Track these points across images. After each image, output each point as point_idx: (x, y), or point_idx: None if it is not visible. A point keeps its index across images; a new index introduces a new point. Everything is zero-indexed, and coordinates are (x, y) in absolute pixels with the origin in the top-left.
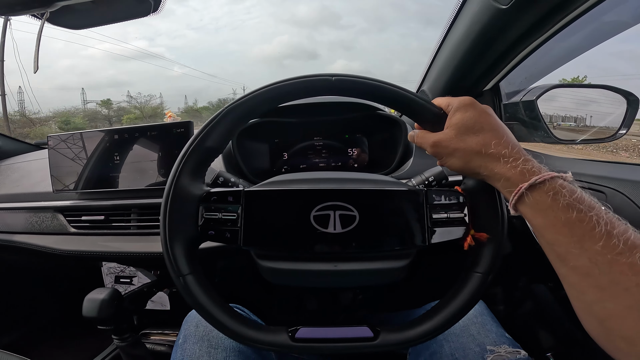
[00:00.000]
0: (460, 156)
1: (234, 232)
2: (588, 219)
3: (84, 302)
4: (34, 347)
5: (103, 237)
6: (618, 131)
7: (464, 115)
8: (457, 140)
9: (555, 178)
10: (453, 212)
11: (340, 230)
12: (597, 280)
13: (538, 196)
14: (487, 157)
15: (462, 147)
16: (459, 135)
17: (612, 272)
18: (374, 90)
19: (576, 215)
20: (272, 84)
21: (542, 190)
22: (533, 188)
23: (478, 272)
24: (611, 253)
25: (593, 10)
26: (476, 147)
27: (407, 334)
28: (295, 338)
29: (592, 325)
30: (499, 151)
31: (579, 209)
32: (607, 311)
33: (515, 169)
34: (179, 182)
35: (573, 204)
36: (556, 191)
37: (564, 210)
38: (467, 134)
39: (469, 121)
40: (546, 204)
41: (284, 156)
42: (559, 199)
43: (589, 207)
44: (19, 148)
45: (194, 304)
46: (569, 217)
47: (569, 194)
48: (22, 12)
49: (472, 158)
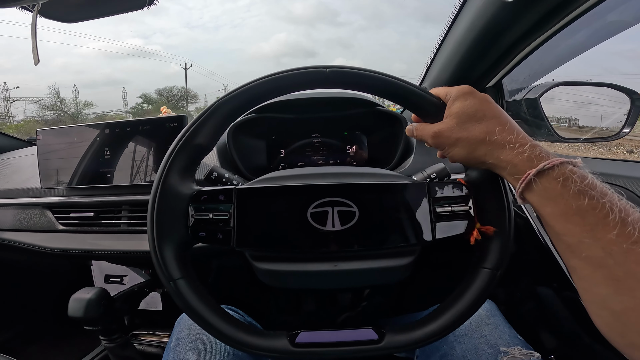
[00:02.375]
0: (463, 145)
1: (227, 232)
2: (601, 205)
3: (70, 302)
4: (24, 348)
5: (92, 235)
6: (622, 130)
7: (464, 103)
8: (459, 129)
9: (564, 163)
10: (457, 205)
11: (340, 228)
12: (611, 272)
13: (547, 183)
14: (492, 144)
15: (465, 136)
16: (460, 124)
17: (628, 262)
18: (369, 82)
19: (588, 202)
20: (263, 77)
21: (551, 177)
22: (541, 174)
23: (486, 267)
24: (626, 242)
25: (597, 8)
26: (480, 134)
27: (414, 334)
28: (296, 343)
29: (605, 320)
30: (504, 137)
31: (591, 195)
32: (623, 304)
33: (522, 154)
34: (167, 181)
35: (585, 190)
36: (566, 177)
37: (575, 197)
38: (469, 122)
39: (470, 109)
40: (556, 191)
41: (281, 153)
42: (570, 185)
43: (602, 194)
44: (11, 144)
45: (186, 309)
46: (580, 205)
47: (580, 179)
48: (12, 4)
49: (477, 146)
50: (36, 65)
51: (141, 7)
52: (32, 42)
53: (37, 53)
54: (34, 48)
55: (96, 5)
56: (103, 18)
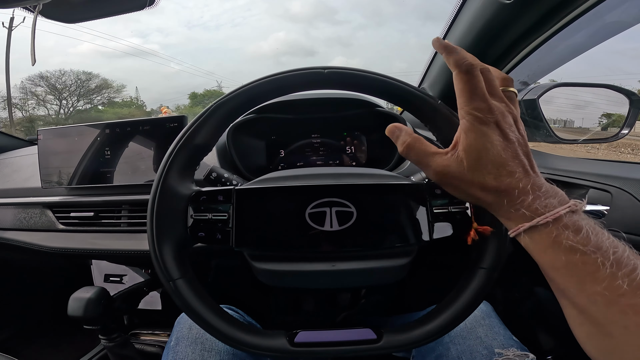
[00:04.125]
0: (468, 191)
1: (226, 233)
2: (592, 261)
3: (69, 301)
4: (23, 347)
5: (92, 234)
6: (620, 131)
7: (480, 140)
8: (470, 174)
9: (560, 218)
10: (454, 206)
11: (337, 228)
12: (594, 317)
13: (538, 236)
14: (500, 194)
15: (475, 181)
16: (471, 167)
17: (611, 312)
18: (367, 82)
19: (579, 257)
20: (262, 78)
21: (543, 232)
22: (533, 228)
23: (483, 267)
24: (613, 294)
25: (597, 8)
26: (490, 183)
27: (412, 334)
28: (294, 342)
29: (591, 355)
30: (512, 187)
31: (583, 251)
32: (604, 344)
33: (517, 212)
34: (166, 182)
35: (576, 246)
36: (558, 232)
37: (565, 251)
38: (480, 167)
39: (483, 150)
40: (545, 244)
41: (280, 153)
42: (562, 241)
43: (595, 248)
44: (12, 143)
45: (185, 309)
46: (570, 259)
47: (574, 234)
48: (13, 4)
49: (483, 196)
50: (33, 65)
51: (142, 8)
52: (30, 42)
53: (34, 54)
54: (32, 48)
55: (97, 6)
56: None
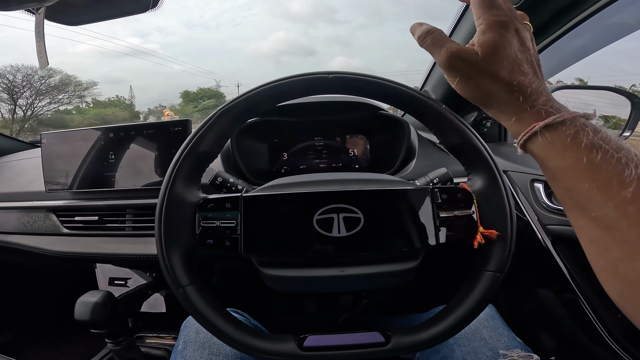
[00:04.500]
0: (480, 83)
1: (234, 239)
2: (616, 160)
3: (76, 305)
4: (27, 349)
5: (97, 238)
6: (622, 133)
7: (498, 38)
8: (483, 62)
9: (576, 118)
10: (460, 210)
11: (345, 234)
12: (624, 235)
13: (555, 136)
14: (512, 91)
15: (488, 71)
16: (485, 57)
17: None
18: (373, 88)
19: (602, 156)
20: (266, 84)
21: (560, 131)
22: (549, 127)
23: (489, 270)
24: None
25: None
26: (505, 76)
27: (420, 336)
28: (304, 347)
29: (617, 289)
30: (526, 83)
31: (605, 149)
32: (637, 271)
33: (532, 108)
34: (173, 190)
35: (598, 143)
36: (577, 130)
37: (586, 150)
38: (496, 59)
39: (501, 45)
40: (564, 144)
41: (283, 156)
42: (582, 137)
43: (617, 148)
44: (14, 146)
45: (195, 315)
46: (592, 158)
47: (593, 132)
48: (17, 7)
49: (493, 88)
50: (43, 68)
51: (145, 10)
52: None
53: (45, 56)
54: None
55: (100, 8)
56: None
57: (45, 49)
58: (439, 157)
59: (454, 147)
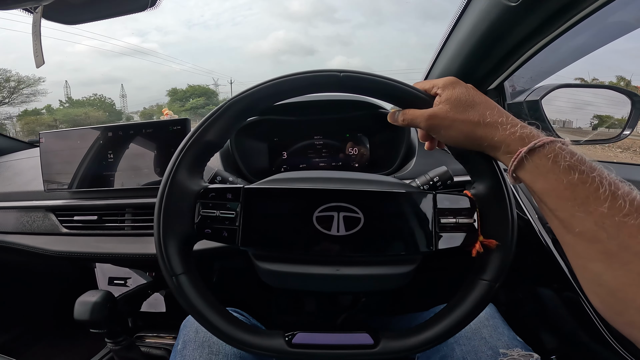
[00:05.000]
0: (460, 128)
1: (232, 231)
2: (591, 179)
3: (75, 305)
4: (27, 349)
5: (96, 238)
6: (622, 132)
7: (454, 91)
8: (454, 113)
9: (554, 142)
10: (462, 218)
11: (344, 233)
12: (605, 246)
13: (538, 160)
14: (487, 126)
15: (460, 119)
16: (454, 108)
17: (621, 236)
18: (383, 89)
19: (578, 176)
20: (275, 79)
21: (542, 154)
22: (533, 152)
23: (485, 279)
24: (618, 215)
25: (602, 10)
26: (474, 118)
27: (409, 341)
28: (292, 343)
29: (601, 298)
30: (496, 120)
31: (581, 170)
32: (618, 280)
33: (514, 135)
34: (176, 177)
35: (575, 165)
36: (556, 153)
37: (565, 172)
38: (462, 107)
39: (461, 95)
40: (546, 167)
41: (283, 155)
42: (560, 161)
43: (591, 168)
44: (13, 146)
45: (186, 306)
46: (570, 179)
47: (570, 155)
48: (14, 6)
49: (474, 129)
50: (39, 67)
51: (144, 9)
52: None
53: (41, 55)
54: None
55: (98, 7)
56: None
57: (41, 48)
58: (439, 155)
59: (460, 154)
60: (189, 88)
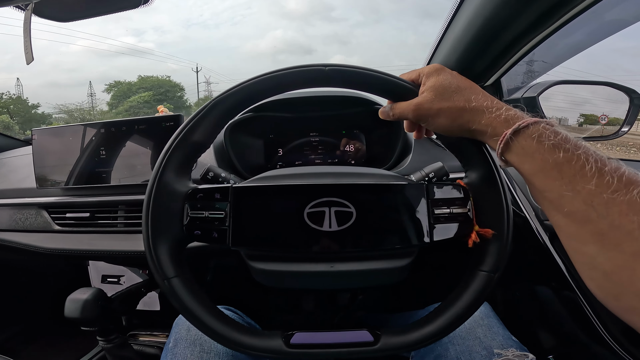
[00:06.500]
0: (446, 115)
1: (222, 231)
2: (576, 157)
3: (66, 303)
4: (21, 348)
5: (89, 235)
6: (620, 129)
7: (438, 77)
8: (439, 100)
9: (538, 122)
10: (456, 208)
11: (336, 228)
12: (596, 226)
13: (523, 140)
14: (472, 110)
15: (446, 106)
16: (439, 95)
17: (611, 214)
18: (371, 81)
19: (563, 155)
20: (260, 76)
21: (527, 134)
22: (517, 133)
23: (483, 270)
24: (606, 192)
25: (598, 5)
26: (460, 103)
27: (410, 337)
28: (290, 344)
29: (597, 283)
30: (481, 104)
31: (566, 148)
32: (612, 262)
33: (499, 117)
34: (162, 179)
35: (559, 143)
36: (540, 133)
37: (550, 151)
38: (447, 94)
39: (445, 82)
40: (532, 148)
41: (279, 152)
42: (544, 140)
43: (576, 146)
44: (7, 143)
45: (181, 309)
46: (556, 158)
47: (554, 135)
48: (5, 3)
49: (459, 114)
50: (29, 64)
51: (136, 6)
52: (24, 40)
53: (31, 51)
54: (27, 46)
55: (91, 4)
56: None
57: (31, 44)
58: (435, 152)
59: (451, 143)
60: (139, 81)
